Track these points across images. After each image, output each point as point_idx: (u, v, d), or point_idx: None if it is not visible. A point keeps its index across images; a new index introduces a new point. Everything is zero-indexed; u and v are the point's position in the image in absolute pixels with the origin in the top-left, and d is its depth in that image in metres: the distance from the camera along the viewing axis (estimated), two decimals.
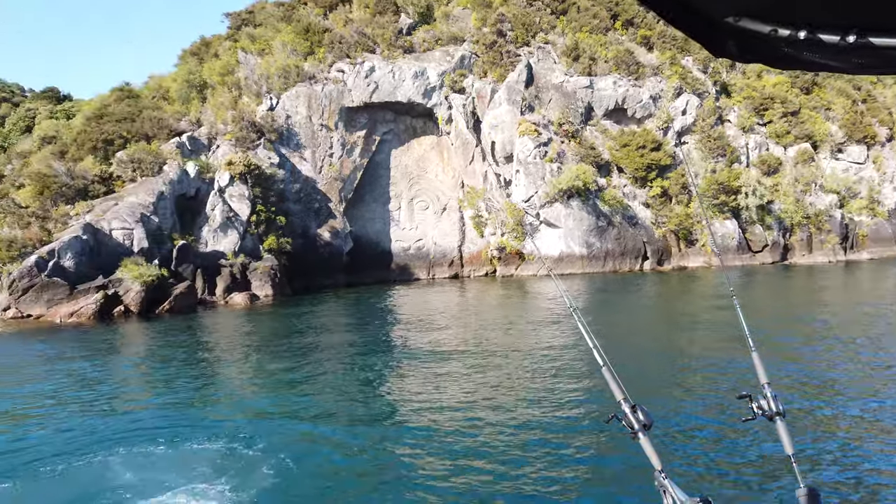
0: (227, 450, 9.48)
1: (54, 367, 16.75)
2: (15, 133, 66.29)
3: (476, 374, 13.31)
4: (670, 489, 2.14)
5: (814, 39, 1.10)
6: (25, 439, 10.53)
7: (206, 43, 51.48)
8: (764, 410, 2.39)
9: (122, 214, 31.75)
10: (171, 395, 13.29)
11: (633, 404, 2.36)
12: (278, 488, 7.89)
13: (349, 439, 9.69)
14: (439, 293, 36.12)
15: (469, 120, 47.42)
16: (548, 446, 8.82)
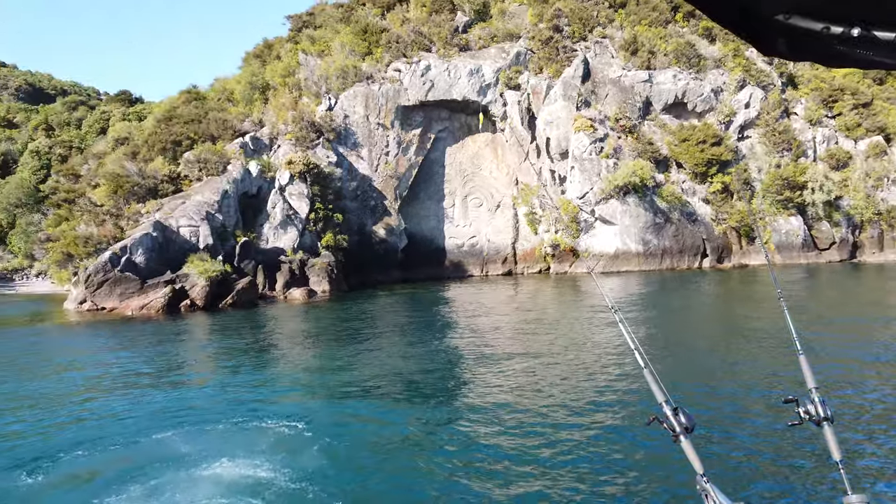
0: (281, 428, 10.06)
1: (127, 353, 17.89)
2: (91, 135, 70.02)
3: (522, 371, 13.53)
4: (712, 493, 2.10)
5: (868, 36, 1.09)
6: (101, 412, 11.41)
7: (269, 45, 53.13)
8: (811, 415, 2.33)
9: (188, 212, 33.28)
10: (233, 378, 14.05)
11: (674, 406, 2.34)
12: (327, 466, 8.35)
13: (393, 422, 10.11)
14: (491, 290, 36.34)
15: (524, 116, 47.39)
16: (589, 446, 8.81)
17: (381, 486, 7.85)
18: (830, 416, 2.33)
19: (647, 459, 8.26)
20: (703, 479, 2.15)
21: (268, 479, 8.05)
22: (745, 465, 8.10)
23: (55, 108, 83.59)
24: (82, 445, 9.87)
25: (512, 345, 17.28)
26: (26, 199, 55.50)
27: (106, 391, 13.75)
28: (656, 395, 2.41)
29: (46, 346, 21.34)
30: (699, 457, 2.20)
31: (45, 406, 12.66)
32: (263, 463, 8.60)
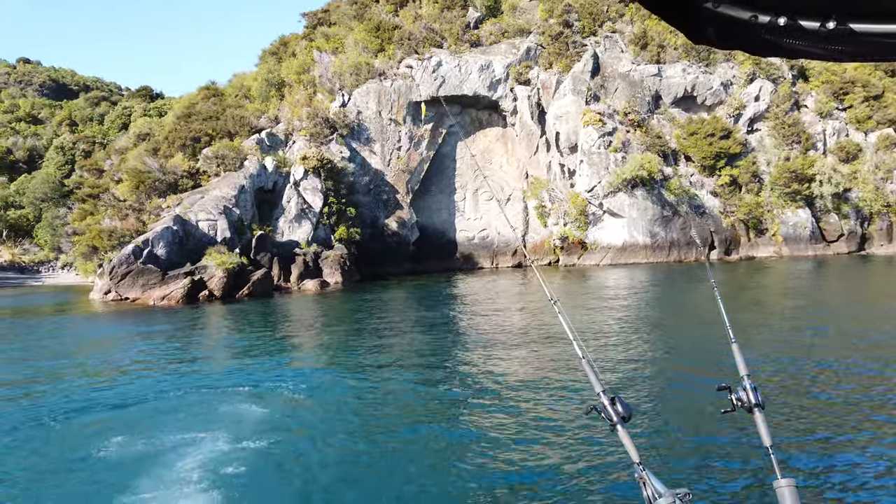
0: (292, 401, 11.31)
1: (150, 337, 19.30)
2: (113, 130, 72.04)
3: (517, 355, 14.65)
4: (649, 481, 2.13)
5: (794, 26, 1.12)
6: (126, 388, 12.74)
7: (285, 42, 54.46)
8: (743, 402, 2.40)
9: (207, 207, 34.76)
10: (249, 358, 15.33)
11: (612, 396, 2.38)
12: (331, 435, 9.53)
13: (389, 393, 11.28)
14: (500, 281, 37.44)
15: (534, 111, 48.27)
16: (540, 435, 9.14)
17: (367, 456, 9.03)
18: (761, 403, 2.38)
19: (588, 448, 8.45)
20: (640, 468, 2.17)
21: (276, 448, 9.30)
22: (680, 452, 8.38)
23: (78, 104, 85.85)
24: (104, 407, 11.21)
25: (508, 332, 18.40)
26: (52, 194, 57.53)
27: (129, 370, 15.11)
28: (594, 385, 2.45)
29: (76, 331, 22.89)
30: (635, 445, 2.24)
31: (78, 378, 14.05)
32: (272, 433, 9.86)
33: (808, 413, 9.82)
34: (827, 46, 1.14)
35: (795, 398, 10.54)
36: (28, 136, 70.88)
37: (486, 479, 7.76)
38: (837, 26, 1.08)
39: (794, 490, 2.05)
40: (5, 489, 8.01)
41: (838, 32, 1.08)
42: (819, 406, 10.17)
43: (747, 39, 1.19)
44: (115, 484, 7.92)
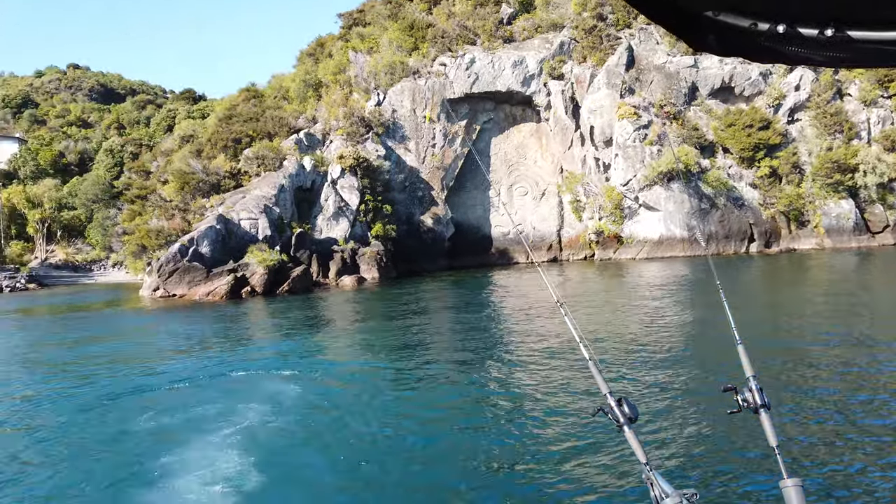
0: (324, 386, 12.14)
1: (197, 330, 20.48)
2: (159, 132, 74.62)
3: (538, 352, 15.23)
4: (656, 482, 2.14)
5: (793, 33, 1.13)
6: (174, 372, 13.78)
7: (321, 43, 55.75)
8: (749, 403, 2.40)
9: (248, 206, 36.11)
10: (287, 349, 16.26)
11: (618, 398, 2.40)
12: (362, 415, 10.30)
13: (415, 380, 12.00)
14: (534, 276, 37.89)
15: (568, 106, 48.45)
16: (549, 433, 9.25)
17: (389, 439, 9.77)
18: (767, 403, 2.38)
19: (598, 449, 8.50)
20: (647, 468, 2.19)
21: (310, 424, 10.13)
22: (688, 453, 8.39)
23: (125, 108, 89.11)
24: (153, 387, 12.23)
25: (543, 327, 18.96)
26: (102, 195, 60.09)
27: (176, 356, 16.21)
28: (601, 386, 2.47)
29: (128, 324, 24.32)
30: (642, 446, 2.26)
31: (129, 364, 15.20)
32: (305, 410, 10.71)
33: (815, 413, 9.84)
34: (826, 53, 1.17)
35: (806, 398, 10.51)
36: (79, 140, 73.98)
37: (494, 474, 7.93)
38: (836, 34, 1.11)
39: (800, 490, 2.04)
40: (66, 460, 9.00)
41: (836, 39, 1.11)
42: (826, 406, 10.15)
43: (747, 47, 1.22)
44: (161, 450, 8.84)
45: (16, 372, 16.37)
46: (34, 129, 79.39)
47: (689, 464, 8.06)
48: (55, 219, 60.82)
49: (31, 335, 23.59)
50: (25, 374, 15.93)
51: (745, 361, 2.60)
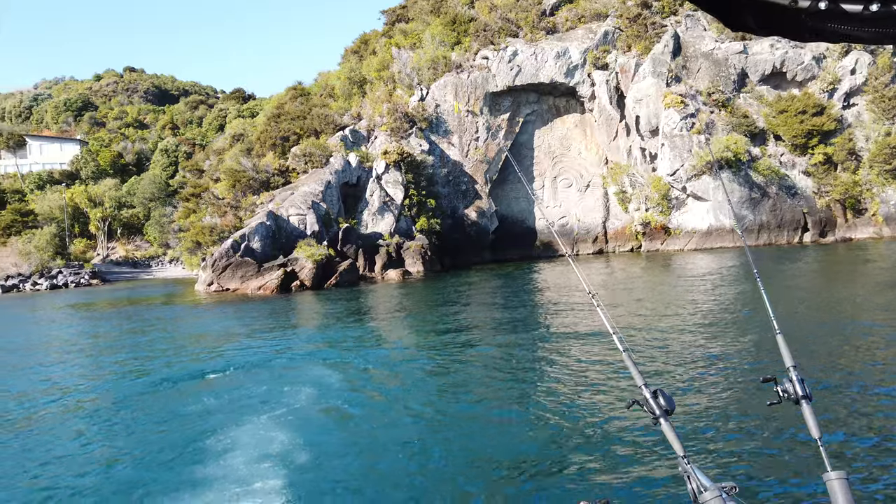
0: (367, 372, 12.76)
1: (249, 322, 21.46)
2: (211, 132, 77.06)
3: (575, 344, 15.53)
4: (694, 475, 2.11)
5: (836, 10, 1.08)
6: (226, 358, 14.63)
7: (365, 40, 56.63)
8: (789, 394, 2.36)
9: (297, 202, 37.21)
10: (334, 338, 16.98)
11: (654, 389, 2.36)
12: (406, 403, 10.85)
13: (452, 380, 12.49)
14: (588, 270, 37.91)
15: (612, 96, 48.06)
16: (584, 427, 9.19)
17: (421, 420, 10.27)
18: (809, 394, 2.33)
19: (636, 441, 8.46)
20: (684, 461, 2.16)
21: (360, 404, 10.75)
22: (726, 445, 8.24)
23: (179, 108, 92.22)
24: (208, 371, 13.07)
25: (573, 319, 19.22)
26: (158, 194, 62.56)
27: (229, 344, 17.12)
28: (635, 378, 2.44)
29: (184, 316, 25.57)
30: (679, 439, 2.23)
31: (185, 351, 16.16)
32: (349, 393, 11.34)
33: (859, 405, 9.55)
34: (872, 29, 1.12)
35: (852, 391, 10.18)
36: (136, 141, 76.97)
37: (525, 465, 7.97)
38: (881, 7, 1.06)
39: (844, 483, 1.99)
40: (125, 435, 9.81)
41: (883, 14, 1.07)
42: (873, 399, 9.83)
43: (788, 25, 1.18)
44: (212, 428, 9.56)
45: (81, 358, 17.58)
46: (94, 131, 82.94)
47: (727, 456, 7.85)
48: (115, 217, 63.60)
49: (95, 326, 25.07)
50: (90, 360, 17.13)
51: (784, 351, 2.55)
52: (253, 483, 7.63)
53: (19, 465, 8.96)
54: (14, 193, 66.13)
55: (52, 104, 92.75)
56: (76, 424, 10.82)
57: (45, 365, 16.90)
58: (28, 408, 12.17)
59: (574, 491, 7.13)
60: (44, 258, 52.95)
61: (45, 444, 9.87)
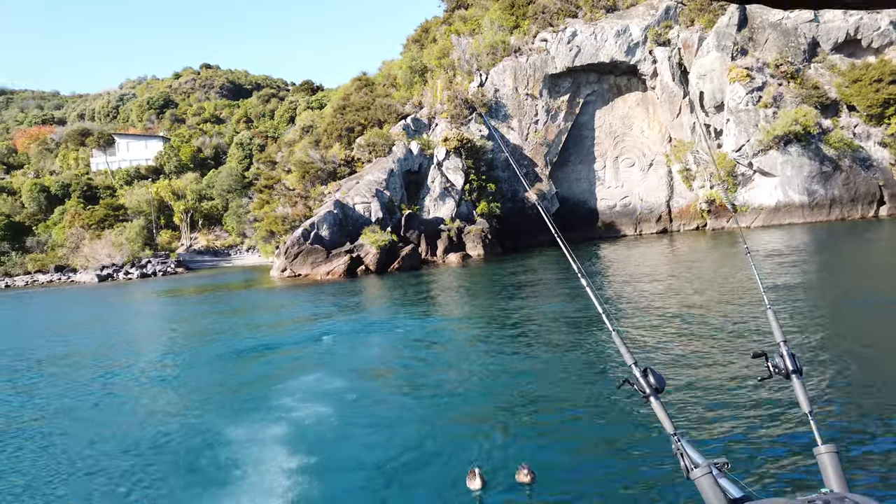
0: (422, 345, 14.52)
1: (319, 303, 23.70)
2: (282, 124, 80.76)
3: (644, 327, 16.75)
4: (686, 451, 2.13)
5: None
6: (299, 334, 16.73)
7: (426, 29, 58.22)
8: (780, 369, 2.38)
9: (361, 191, 39.43)
10: (395, 316, 18.85)
11: (644, 368, 2.37)
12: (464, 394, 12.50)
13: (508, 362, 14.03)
14: (640, 248, 38.52)
15: (675, 72, 47.85)
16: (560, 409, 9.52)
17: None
18: (799, 369, 2.35)
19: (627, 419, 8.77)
20: (675, 438, 2.18)
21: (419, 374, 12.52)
22: (717, 421, 8.40)
23: (252, 102, 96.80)
24: (283, 345, 15.15)
25: (634, 301, 20.34)
26: (235, 185, 66.59)
27: (301, 323, 19.29)
28: (625, 357, 2.45)
29: (262, 299, 28.20)
30: (669, 416, 2.25)
31: (262, 329, 18.42)
32: (408, 361, 13.14)
33: (853, 379, 9.75)
34: None
35: (843, 364, 10.44)
36: (213, 136, 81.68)
37: (520, 439, 8.37)
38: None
39: (835, 456, 2.03)
40: (200, 395, 11.92)
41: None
42: (866, 373, 10.05)
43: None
44: (271, 393, 11.52)
45: (168, 336, 20.20)
46: (175, 127, 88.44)
47: (719, 432, 8.05)
48: (196, 209, 68.16)
49: (183, 309, 28.04)
50: (178, 337, 19.69)
51: (774, 326, 2.55)
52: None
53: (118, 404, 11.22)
54: (106, 189, 71.89)
55: (137, 103, 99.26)
56: (152, 389, 13.10)
57: (153, 339, 19.61)
58: (152, 361, 14.61)
59: (566, 468, 7.43)
60: (134, 249, 57.73)
61: (154, 391, 12.15)
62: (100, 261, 57.07)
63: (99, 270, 55.44)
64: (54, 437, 10.34)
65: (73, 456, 9.32)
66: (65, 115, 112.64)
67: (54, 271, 58.54)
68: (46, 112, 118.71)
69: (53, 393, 13.47)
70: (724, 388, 9.81)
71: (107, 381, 14.05)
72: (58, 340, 21.49)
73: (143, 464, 8.73)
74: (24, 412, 12.12)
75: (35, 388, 14.12)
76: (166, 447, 9.35)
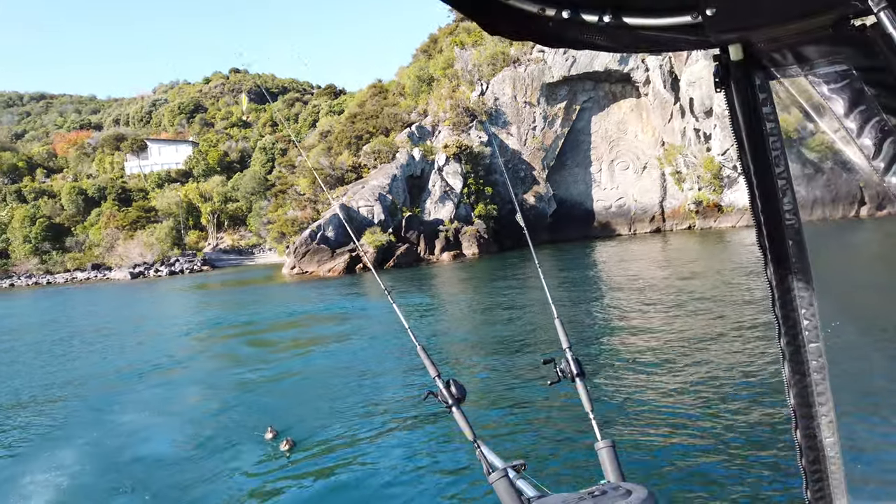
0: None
1: (329, 296, 28.31)
2: (304, 128, 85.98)
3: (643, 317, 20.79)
4: (487, 456, 2.26)
5: (577, 19, 1.20)
6: (303, 311, 21.19)
7: (434, 39, 62.58)
8: (566, 373, 2.56)
9: (365, 195, 43.98)
10: (361, 301, 23.21)
11: (446, 380, 2.50)
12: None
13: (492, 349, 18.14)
14: (632, 247, 42.26)
15: (666, 80, 51.30)
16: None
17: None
18: (583, 372, 2.56)
19: None
20: (475, 445, 2.30)
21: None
22: (515, 424, 9.39)
23: (277, 106, 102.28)
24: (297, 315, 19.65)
25: (621, 293, 24.38)
26: (258, 188, 71.91)
27: (304, 311, 23.80)
28: (430, 370, 2.58)
29: (272, 292, 32.99)
30: (470, 425, 2.36)
31: (273, 313, 22.99)
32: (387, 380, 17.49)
33: (627, 381, 11.55)
34: (606, 38, 1.26)
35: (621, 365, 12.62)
36: (239, 140, 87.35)
37: None
38: (612, 19, 1.19)
39: (612, 450, 2.24)
40: (241, 368, 16.45)
41: (614, 25, 1.20)
42: (638, 376, 11.85)
43: (537, 32, 1.27)
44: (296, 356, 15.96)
45: (196, 322, 24.99)
46: (204, 131, 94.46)
47: (516, 435, 9.03)
48: (223, 210, 73.72)
49: (204, 300, 32.98)
50: (204, 319, 24.46)
51: (561, 334, 2.75)
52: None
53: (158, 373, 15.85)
54: (138, 192, 78.04)
55: (168, 108, 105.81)
56: (189, 363, 17.74)
57: (187, 317, 24.46)
58: (186, 332, 19.33)
59: (380, 476, 8.46)
60: (164, 248, 63.46)
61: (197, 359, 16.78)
62: (132, 259, 62.93)
63: (132, 268, 61.21)
64: None
65: None
66: (101, 119, 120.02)
67: (91, 269, 64.65)
68: (84, 117, 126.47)
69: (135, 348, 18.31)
70: (520, 393, 11.22)
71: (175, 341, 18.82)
72: (129, 320, 26.55)
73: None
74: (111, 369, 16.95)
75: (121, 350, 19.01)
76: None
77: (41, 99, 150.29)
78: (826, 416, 1.60)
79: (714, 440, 8.45)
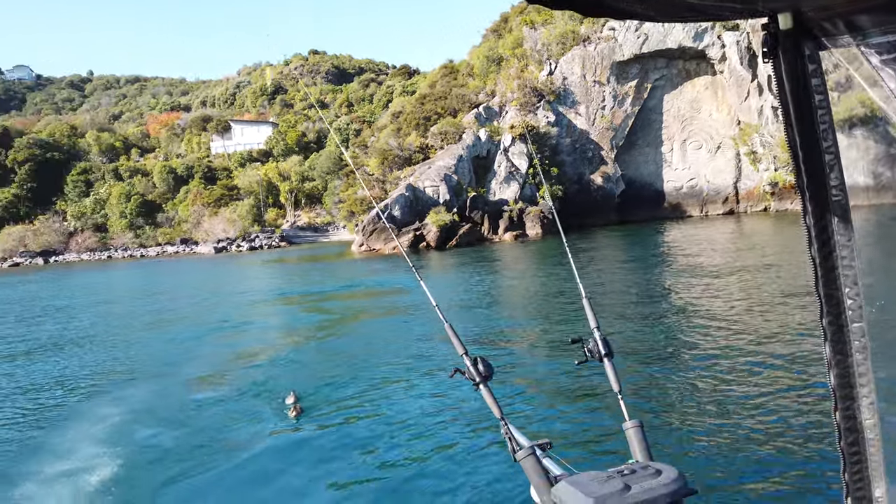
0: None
1: (388, 271, 30.08)
2: (378, 108, 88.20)
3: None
4: (514, 435, 2.27)
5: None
6: (370, 285, 22.93)
7: (505, 18, 62.91)
8: (594, 353, 2.60)
9: (432, 176, 45.38)
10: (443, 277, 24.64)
11: (474, 357, 2.52)
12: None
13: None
14: (703, 228, 41.97)
15: (744, 56, 49.92)
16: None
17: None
18: (611, 352, 2.59)
19: None
20: (503, 423, 2.31)
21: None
22: (542, 404, 9.45)
23: (353, 87, 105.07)
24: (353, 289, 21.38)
25: (685, 284, 25.02)
26: (333, 168, 74.67)
27: (371, 276, 25.55)
28: (457, 347, 2.59)
29: (339, 267, 35.10)
30: (497, 403, 2.39)
31: (339, 285, 24.88)
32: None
33: (658, 363, 11.56)
34: (646, 6, 1.24)
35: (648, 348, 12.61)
36: (316, 121, 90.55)
37: None
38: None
39: (639, 430, 2.25)
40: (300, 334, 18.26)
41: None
42: (668, 358, 11.87)
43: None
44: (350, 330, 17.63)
45: (266, 290, 27.25)
46: (283, 112, 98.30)
47: (543, 414, 9.11)
48: (300, 189, 77.03)
49: (278, 273, 35.45)
50: (273, 288, 26.67)
51: (589, 315, 2.78)
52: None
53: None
54: (223, 171, 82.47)
55: (251, 90, 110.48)
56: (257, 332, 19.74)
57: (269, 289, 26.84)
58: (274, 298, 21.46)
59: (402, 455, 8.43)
60: (245, 225, 67.22)
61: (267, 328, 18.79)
62: (216, 235, 67.04)
63: (216, 244, 65.24)
64: None
65: None
66: (189, 101, 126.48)
67: (180, 244, 69.35)
68: (174, 98, 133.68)
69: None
70: (547, 372, 11.38)
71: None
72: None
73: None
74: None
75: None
76: None
77: (136, 82, 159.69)
78: (867, 398, 1.55)
79: (749, 428, 8.23)
